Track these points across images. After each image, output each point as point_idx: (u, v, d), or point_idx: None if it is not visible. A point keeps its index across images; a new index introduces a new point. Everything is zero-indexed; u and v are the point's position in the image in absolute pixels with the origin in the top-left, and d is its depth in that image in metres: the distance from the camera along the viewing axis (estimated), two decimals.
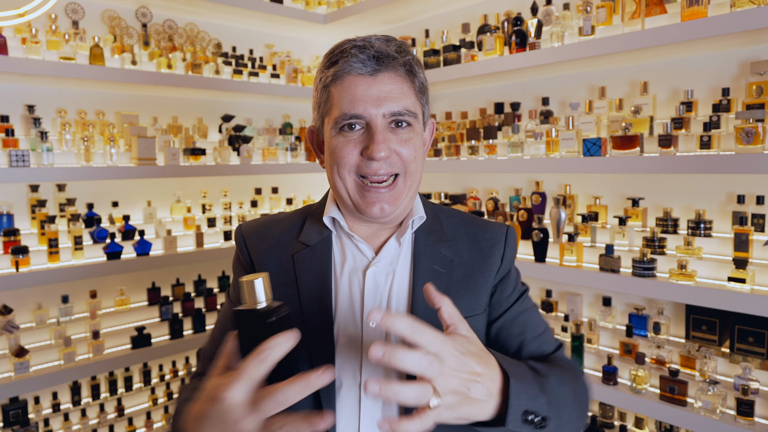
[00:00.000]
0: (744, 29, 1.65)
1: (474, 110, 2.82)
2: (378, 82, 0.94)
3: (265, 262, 1.06)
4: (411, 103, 0.97)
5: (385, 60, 0.95)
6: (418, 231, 1.06)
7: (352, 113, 0.94)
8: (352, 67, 0.94)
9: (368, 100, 0.94)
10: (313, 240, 1.05)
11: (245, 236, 1.10)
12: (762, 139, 1.65)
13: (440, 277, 1.02)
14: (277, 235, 1.09)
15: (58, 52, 2.34)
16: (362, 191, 0.97)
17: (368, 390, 0.66)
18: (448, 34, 2.66)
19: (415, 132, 0.98)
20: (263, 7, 2.93)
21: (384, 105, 0.94)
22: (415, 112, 0.98)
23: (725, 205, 2.02)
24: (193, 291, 2.90)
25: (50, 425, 2.37)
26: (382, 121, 0.94)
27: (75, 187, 2.58)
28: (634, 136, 1.93)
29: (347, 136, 0.96)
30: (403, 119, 0.96)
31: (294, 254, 1.04)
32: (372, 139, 0.93)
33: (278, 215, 1.15)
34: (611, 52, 1.97)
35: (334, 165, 0.98)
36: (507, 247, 1.09)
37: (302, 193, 3.48)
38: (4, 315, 2.23)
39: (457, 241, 1.07)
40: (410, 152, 0.97)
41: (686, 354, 1.94)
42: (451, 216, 1.12)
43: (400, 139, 0.96)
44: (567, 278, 2.09)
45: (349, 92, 0.94)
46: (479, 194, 2.78)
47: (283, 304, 0.74)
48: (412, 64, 0.99)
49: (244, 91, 2.91)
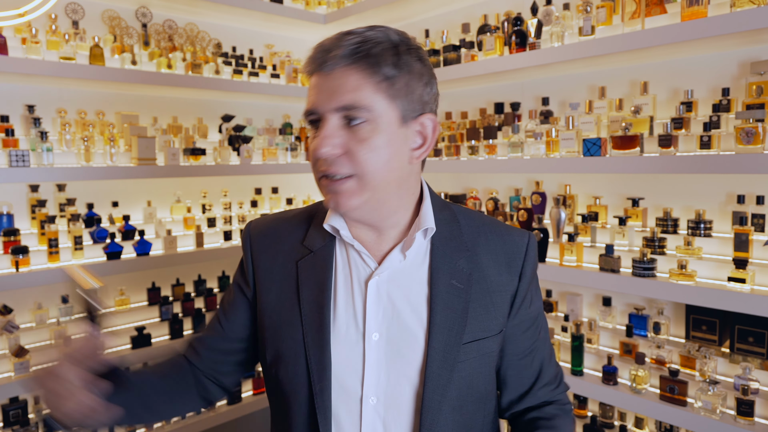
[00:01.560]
0: (744, 29, 1.65)
1: (474, 110, 2.82)
2: (330, 77, 0.89)
3: (268, 267, 1.04)
4: (365, 96, 0.87)
5: (332, 49, 0.88)
6: (435, 238, 0.99)
7: (308, 108, 0.92)
8: (312, 64, 0.91)
9: (320, 94, 0.90)
10: (316, 245, 1.02)
11: (252, 237, 1.08)
12: (762, 139, 1.65)
13: (458, 293, 0.96)
14: (284, 237, 1.06)
15: (58, 52, 2.34)
16: (321, 185, 0.94)
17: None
18: (448, 34, 2.66)
19: (376, 130, 0.88)
20: (263, 7, 2.93)
21: (334, 98, 0.88)
22: (370, 106, 0.87)
23: (725, 205, 2.02)
24: (193, 291, 2.90)
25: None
26: (332, 117, 0.89)
27: (75, 187, 2.58)
28: (634, 136, 1.93)
29: (313, 133, 0.94)
30: (356, 114, 0.87)
31: (298, 260, 1.01)
32: (316, 135, 0.91)
33: (288, 213, 1.11)
34: (611, 52, 1.97)
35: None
36: (527, 259, 1.03)
37: (302, 193, 3.48)
38: (4, 315, 2.23)
39: (477, 251, 1.01)
40: (366, 153, 0.87)
41: (686, 354, 1.94)
42: (471, 218, 1.05)
43: (357, 138, 0.88)
44: (567, 278, 2.08)
45: (310, 89, 0.93)
46: (479, 194, 2.78)
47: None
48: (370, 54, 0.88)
49: (244, 91, 2.91)
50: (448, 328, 0.95)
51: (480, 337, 0.97)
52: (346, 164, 0.89)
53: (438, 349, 0.93)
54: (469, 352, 0.95)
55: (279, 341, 0.99)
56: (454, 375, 0.94)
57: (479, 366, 0.97)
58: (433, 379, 0.93)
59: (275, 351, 0.99)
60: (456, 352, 0.94)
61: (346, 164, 0.89)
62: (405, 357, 0.94)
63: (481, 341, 0.97)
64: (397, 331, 0.95)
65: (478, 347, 0.97)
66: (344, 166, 0.89)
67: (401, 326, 0.95)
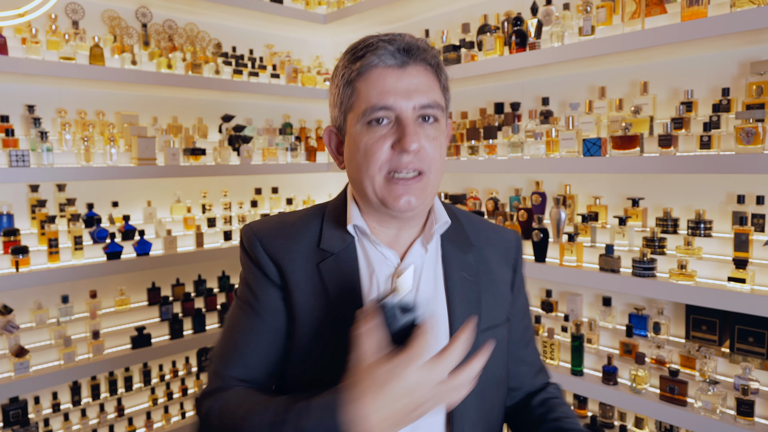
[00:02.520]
0: (744, 29, 1.65)
1: (474, 110, 2.82)
2: (407, 74, 0.92)
3: (291, 268, 1.00)
4: (438, 97, 0.95)
5: (414, 52, 0.93)
6: (444, 234, 1.04)
7: (381, 104, 0.90)
8: (381, 59, 0.91)
9: (398, 92, 0.91)
10: (336, 248, 1.00)
11: (261, 239, 1.02)
12: (762, 139, 1.65)
13: (470, 285, 1.01)
14: (296, 239, 1.02)
15: (58, 52, 2.34)
16: (389, 185, 0.93)
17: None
18: (448, 34, 2.66)
19: (440, 130, 0.97)
20: (263, 7, 2.93)
21: (414, 97, 0.91)
22: (443, 106, 0.96)
23: (725, 205, 2.02)
24: (193, 291, 2.90)
25: (50, 425, 2.37)
26: (411, 114, 0.92)
27: (75, 187, 2.58)
28: (634, 136, 1.93)
29: (376, 131, 0.92)
30: (432, 113, 0.93)
31: (318, 263, 0.99)
32: (404, 131, 0.90)
33: (289, 216, 1.08)
34: (611, 52, 1.97)
35: (364, 163, 0.93)
36: (517, 256, 1.11)
37: (302, 193, 3.48)
38: (4, 315, 2.23)
39: (480, 245, 1.07)
40: (435, 150, 0.94)
41: (686, 354, 1.94)
42: (470, 219, 1.11)
43: (427, 135, 0.93)
44: (567, 278, 2.08)
45: (377, 84, 0.91)
46: (479, 194, 2.77)
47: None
48: (439, 60, 0.98)
49: (244, 91, 2.91)
50: (466, 317, 0.99)
51: (493, 325, 1.03)
52: (424, 160, 0.93)
53: None
54: (486, 339, 0.99)
55: (311, 343, 0.97)
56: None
57: (495, 352, 1.00)
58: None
59: (306, 352, 0.98)
60: (476, 339, 0.97)
61: (424, 160, 0.93)
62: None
63: (495, 329, 1.03)
64: None
65: (493, 334, 1.02)
66: (422, 162, 0.93)
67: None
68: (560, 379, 2.10)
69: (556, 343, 2.20)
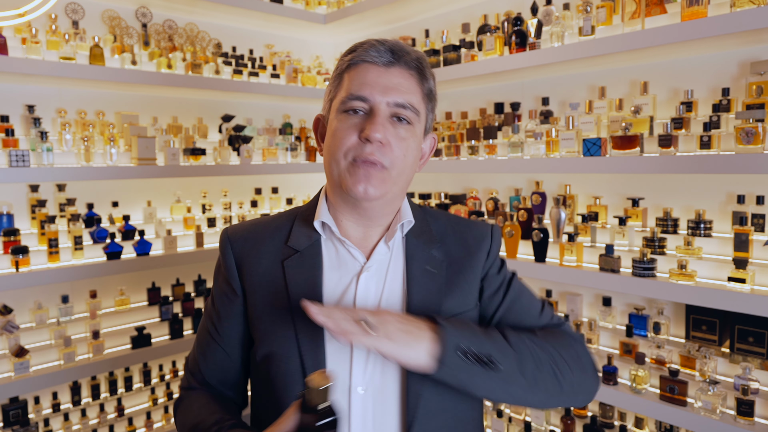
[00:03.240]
0: (744, 29, 1.65)
1: (474, 110, 2.82)
2: (390, 74, 0.98)
3: (253, 270, 1.04)
4: (416, 101, 0.99)
5: (399, 53, 0.99)
6: (408, 234, 1.07)
7: (357, 94, 0.96)
8: (369, 54, 0.98)
9: (376, 87, 0.96)
10: (302, 245, 1.04)
11: (232, 242, 1.08)
12: (762, 139, 1.65)
13: (432, 277, 1.04)
14: (266, 240, 1.07)
15: (58, 52, 2.34)
16: (351, 169, 0.96)
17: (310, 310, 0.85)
18: (448, 34, 2.66)
19: (413, 133, 1.00)
20: (263, 7, 2.93)
21: (390, 94, 0.96)
22: (418, 110, 1.00)
23: (725, 205, 2.02)
24: (193, 291, 2.90)
25: (50, 425, 2.37)
26: (384, 109, 0.96)
27: (75, 187, 2.58)
28: (634, 136, 1.93)
29: (349, 119, 0.97)
30: (405, 114, 0.97)
31: (283, 260, 1.03)
32: (372, 121, 0.94)
33: (265, 218, 1.13)
34: (611, 52, 1.97)
35: (332, 147, 0.98)
36: (493, 243, 1.12)
37: (302, 193, 3.48)
38: (4, 315, 2.23)
39: (446, 241, 1.09)
40: (401, 150, 0.97)
41: (686, 354, 1.94)
42: (438, 217, 1.14)
43: (397, 135, 0.97)
44: (567, 278, 2.09)
45: (360, 76, 0.97)
46: (479, 194, 2.78)
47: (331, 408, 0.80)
48: (424, 67, 1.02)
49: (244, 91, 2.91)
50: (425, 309, 1.00)
51: (458, 312, 1.03)
52: (387, 155, 0.96)
53: None
54: None
55: (271, 341, 1.00)
56: None
57: None
58: None
59: (267, 350, 1.00)
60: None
61: (386, 155, 0.96)
62: None
63: (459, 316, 1.03)
64: None
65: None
66: (385, 157, 0.96)
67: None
68: None
69: None
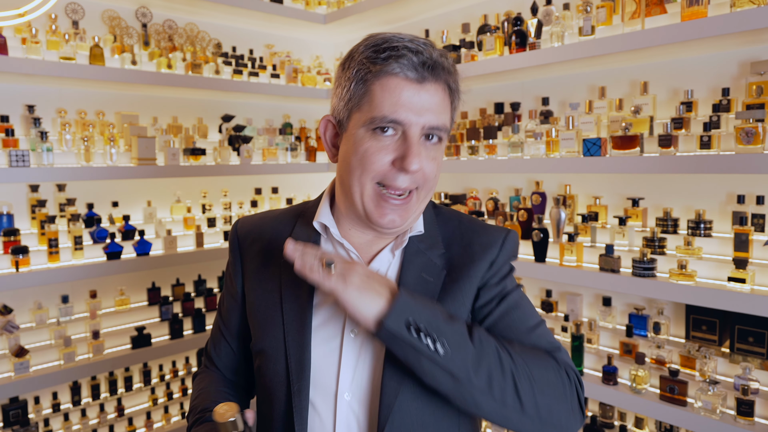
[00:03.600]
0: (744, 29, 1.65)
1: (474, 110, 2.82)
2: (425, 91, 0.90)
3: (254, 266, 1.07)
4: (447, 119, 0.96)
5: (436, 70, 0.91)
6: (412, 237, 1.03)
7: (392, 117, 0.89)
8: (403, 68, 0.88)
9: (411, 108, 0.89)
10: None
11: (239, 236, 1.10)
12: (762, 139, 1.65)
13: (426, 285, 0.99)
14: (268, 235, 1.08)
15: (58, 52, 2.34)
16: (378, 200, 0.93)
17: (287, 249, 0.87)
18: (448, 34, 2.66)
19: (441, 150, 0.98)
20: (263, 7, 2.93)
21: (425, 116, 0.90)
22: (448, 129, 0.97)
23: (725, 205, 2.02)
24: (193, 291, 2.90)
25: (50, 425, 2.37)
26: (419, 132, 0.91)
27: (75, 187, 2.58)
28: (634, 136, 1.93)
29: (380, 140, 0.91)
30: (438, 134, 0.94)
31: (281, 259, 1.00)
32: (409, 151, 0.89)
33: (275, 212, 1.14)
34: (611, 52, 1.97)
35: (358, 168, 0.92)
36: (501, 252, 1.02)
37: (302, 193, 3.48)
38: (4, 315, 2.23)
39: (450, 248, 1.03)
40: (433, 170, 0.95)
41: (686, 354, 1.94)
42: (449, 220, 1.08)
43: (429, 155, 0.94)
44: (567, 278, 2.08)
45: (393, 94, 0.89)
46: (479, 194, 2.78)
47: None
48: (458, 83, 0.97)
49: (244, 91, 2.91)
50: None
51: None
52: (418, 179, 0.93)
53: None
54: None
55: (263, 339, 1.02)
56: None
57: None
58: (390, 366, 0.93)
59: (260, 348, 1.02)
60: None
61: (418, 180, 0.93)
62: (375, 351, 0.96)
63: None
64: None
65: None
66: (416, 181, 0.93)
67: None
68: None
69: None
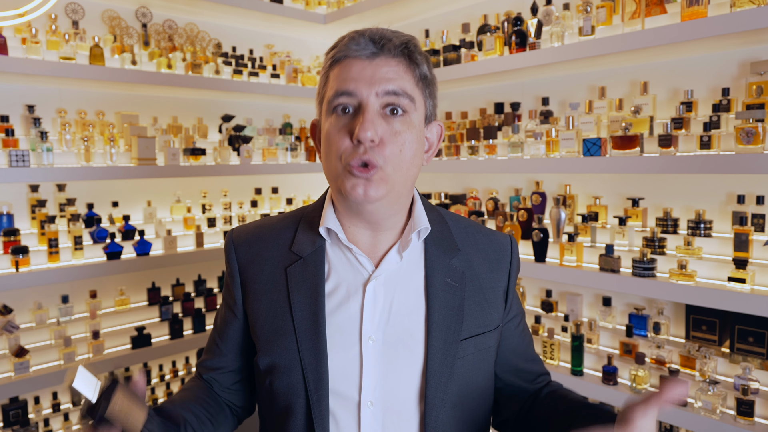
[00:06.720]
0: (744, 29, 1.65)
1: (474, 110, 2.82)
2: (375, 65, 0.90)
3: (256, 277, 1.01)
4: (409, 86, 0.91)
5: (381, 41, 0.91)
6: (428, 241, 1.00)
7: (342, 90, 0.89)
8: (350, 49, 0.90)
9: (361, 79, 0.89)
10: (305, 251, 0.98)
11: (236, 247, 1.04)
12: (762, 139, 1.65)
13: (453, 291, 0.97)
14: (270, 244, 1.02)
15: (58, 52, 2.34)
16: (346, 174, 0.89)
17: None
18: (448, 34, 2.66)
19: (409, 125, 0.90)
20: (263, 7, 2.93)
21: (378, 84, 0.88)
22: (413, 96, 0.91)
23: (725, 205, 2.02)
24: (193, 291, 2.90)
25: (50, 425, 2.37)
26: (374, 102, 0.88)
27: (75, 187, 2.58)
28: (634, 136, 1.93)
29: (338, 120, 0.90)
30: (398, 102, 0.89)
31: (287, 267, 0.98)
32: (360, 119, 0.87)
33: (271, 219, 1.08)
34: (611, 52, 1.97)
35: (327, 153, 0.92)
36: (513, 257, 1.06)
37: (302, 193, 3.48)
38: (4, 315, 2.23)
39: (467, 251, 1.02)
40: (396, 147, 0.89)
41: (686, 354, 1.94)
42: (458, 221, 1.07)
43: (391, 130, 0.89)
44: (567, 278, 2.08)
45: (343, 72, 0.90)
46: (479, 194, 2.78)
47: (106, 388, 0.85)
48: (412, 51, 0.93)
49: (244, 91, 2.91)
50: (446, 326, 0.95)
51: (476, 333, 0.98)
52: (379, 154, 0.88)
53: (438, 347, 0.94)
54: (467, 349, 0.96)
55: (272, 352, 0.97)
56: (455, 372, 0.94)
57: (478, 362, 0.98)
58: (434, 377, 0.93)
59: (269, 362, 0.97)
60: (455, 348, 0.95)
61: (379, 154, 0.88)
62: (403, 358, 0.94)
63: (478, 337, 0.99)
64: (394, 333, 0.94)
65: (475, 343, 0.98)
66: (379, 156, 0.88)
67: (398, 327, 0.94)
68: (560, 379, 2.10)
69: (556, 343, 2.20)
